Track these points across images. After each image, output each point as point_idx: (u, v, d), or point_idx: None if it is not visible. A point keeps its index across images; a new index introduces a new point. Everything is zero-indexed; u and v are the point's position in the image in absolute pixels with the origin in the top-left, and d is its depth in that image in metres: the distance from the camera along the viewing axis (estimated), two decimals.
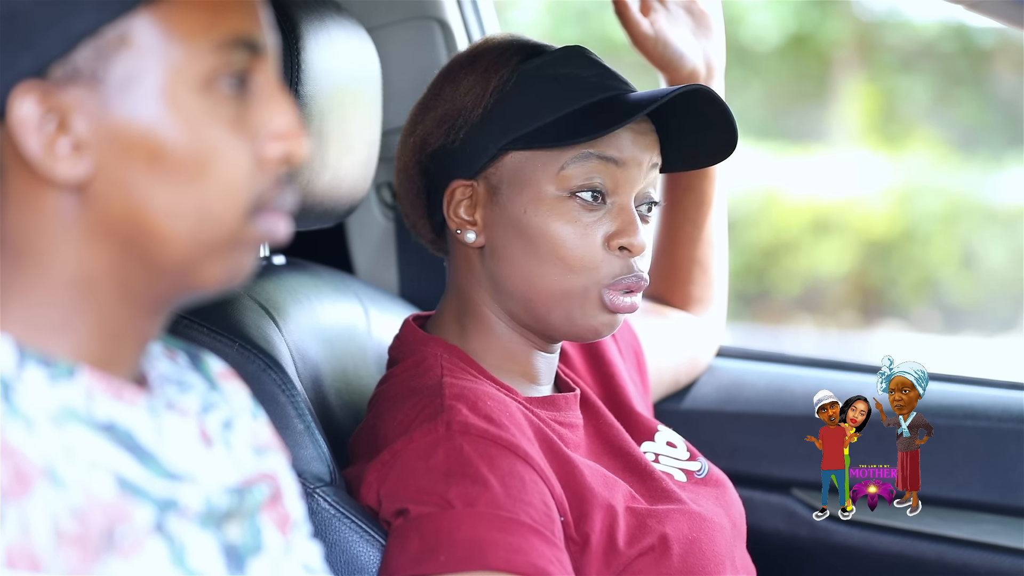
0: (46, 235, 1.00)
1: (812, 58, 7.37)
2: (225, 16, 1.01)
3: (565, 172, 1.46)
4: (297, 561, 1.13)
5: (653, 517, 1.46)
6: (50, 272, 1.01)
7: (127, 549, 0.98)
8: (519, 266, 1.48)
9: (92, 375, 1.01)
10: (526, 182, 1.47)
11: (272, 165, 1.02)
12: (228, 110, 1.01)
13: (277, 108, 1.03)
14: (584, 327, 1.49)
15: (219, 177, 1.00)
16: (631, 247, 1.47)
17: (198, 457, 1.05)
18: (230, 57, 1.01)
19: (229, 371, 1.16)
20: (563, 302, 1.47)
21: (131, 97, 0.99)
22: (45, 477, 0.95)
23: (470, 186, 1.50)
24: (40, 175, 0.99)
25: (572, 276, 1.47)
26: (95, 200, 1.00)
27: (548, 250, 1.47)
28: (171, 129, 0.99)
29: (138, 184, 0.99)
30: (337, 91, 1.58)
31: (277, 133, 1.02)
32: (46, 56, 0.98)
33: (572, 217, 1.47)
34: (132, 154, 0.99)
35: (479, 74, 1.51)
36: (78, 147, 0.99)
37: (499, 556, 1.32)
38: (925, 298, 6.96)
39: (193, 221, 1.00)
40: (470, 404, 1.41)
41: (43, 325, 1.00)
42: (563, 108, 1.47)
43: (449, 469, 1.36)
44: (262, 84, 1.03)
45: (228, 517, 1.06)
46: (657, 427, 1.63)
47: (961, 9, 1.55)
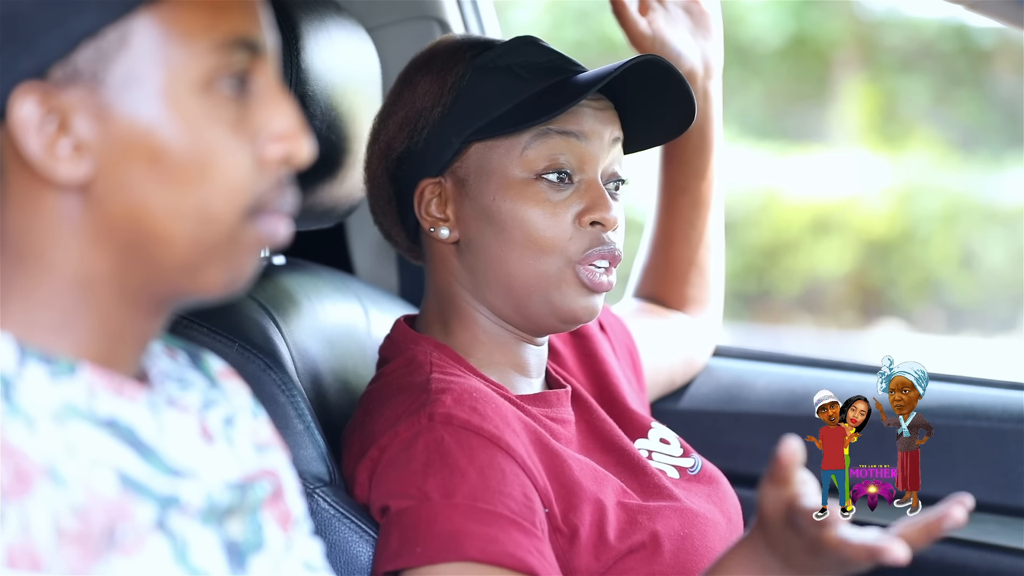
0: (46, 236, 1.00)
1: (812, 58, 7.36)
2: (225, 17, 1.01)
3: (528, 153, 1.48)
4: (298, 559, 1.13)
5: (644, 513, 1.47)
6: (51, 272, 1.01)
7: (129, 547, 0.99)
8: (494, 255, 1.49)
9: (93, 372, 1.01)
10: (491, 170, 1.49)
11: (273, 166, 1.02)
12: (228, 111, 1.01)
13: (277, 109, 1.03)
14: (565, 311, 1.49)
15: (219, 178, 1.00)
16: (604, 221, 1.49)
17: (199, 453, 1.05)
18: (230, 58, 1.01)
19: (229, 370, 1.16)
20: (540, 286, 1.48)
21: (131, 98, 0.99)
22: (46, 476, 0.95)
23: (438, 183, 1.51)
24: (41, 176, 0.99)
25: (545, 258, 1.48)
26: (96, 201, 1.00)
27: (520, 234, 1.48)
28: (171, 130, 0.99)
29: (138, 185, 0.99)
30: (337, 91, 1.58)
31: (277, 134, 1.02)
32: (47, 57, 0.98)
33: (540, 199, 1.48)
34: (132, 155, 0.99)
35: (435, 74, 1.52)
36: (79, 148, 0.99)
37: (476, 547, 1.33)
38: (925, 298, 6.96)
39: (194, 222, 1.00)
40: (455, 396, 1.41)
41: (44, 325, 1.01)
42: (520, 94, 1.49)
43: (428, 460, 1.37)
44: (262, 85, 1.03)
45: (230, 513, 1.06)
46: (651, 424, 1.64)
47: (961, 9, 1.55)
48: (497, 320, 1.52)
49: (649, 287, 1.88)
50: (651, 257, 1.88)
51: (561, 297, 1.49)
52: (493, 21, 2.15)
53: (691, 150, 1.82)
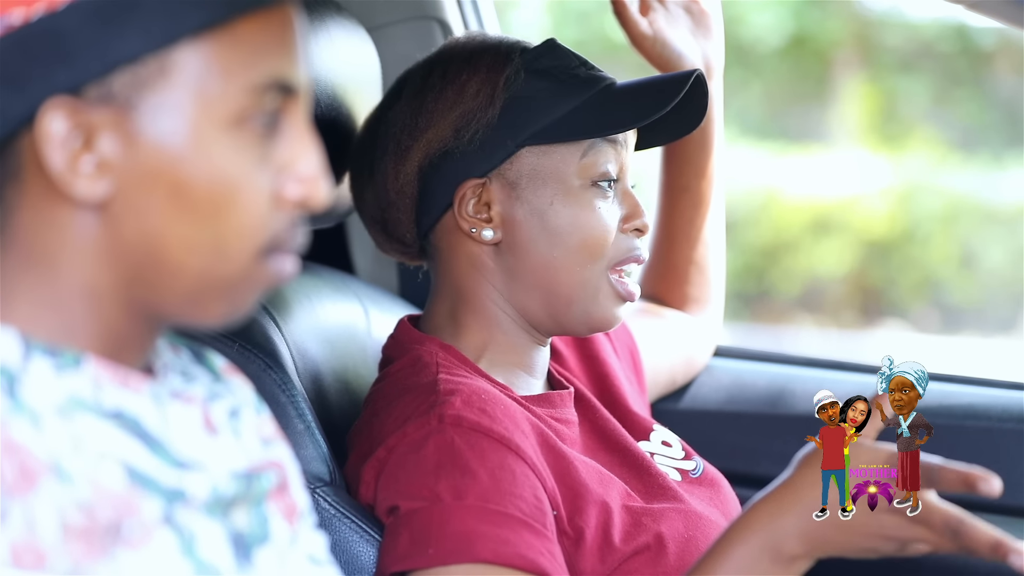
0: (57, 245, 1.01)
1: (812, 58, 7.37)
2: (265, 58, 1.00)
3: (586, 161, 1.50)
4: (303, 552, 1.13)
5: (648, 515, 1.47)
6: (57, 278, 1.01)
7: (135, 541, 0.99)
8: (541, 260, 1.49)
9: (98, 364, 1.01)
10: (548, 175, 1.50)
11: (289, 206, 1.02)
12: (255, 148, 1.00)
13: (304, 150, 1.02)
14: (597, 319, 1.52)
15: (237, 216, 1.00)
16: (644, 228, 1.53)
17: (204, 444, 1.06)
18: (264, 98, 1.00)
19: (233, 367, 1.16)
20: (580, 295, 1.50)
21: (161, 127, 0.99)
22: (51, 472, 0.96)
23: (481, 184, 1.50)
24: (59, 189, 1.00)
25: (591, 265, 1.50)
26: (111, 222, 1.00)
27: (577, 240, 1.49)
28: (196, 164, 0.99)
29: (156, 213, 0.99)
30: (337, 91, 1.58)
31: (300, 176, 1.02)
32: (83, 76, 0.98)
33: (594, 206, 1.50)
34: (154, 183, 0.99)
35: (484, 73, 1.51)
36: (101, 167, 0.99)
37: (488, 548, 1.33)
38: (925, 298, 6.96)
39: (207, 257, 1.00)
40: (464, 398, 1.41)
41: (48, 325, 1.01)
42: (571, 99, 1.50)
43: (439, 462, 1.37)
44: (292, 124, 1.02)
45: (235, 504, 1.06)
46: (652, 426, 1.64)
47: (961, 9, 1.55)
48: (519, 320, 1.52)
49: (650, 286, 1.88)
50: (652, 256, 1.88)
51: (597, 306, 1.51)
52: (493, 21, 2.15)
53: (692, 149, 1.82)
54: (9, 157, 1.00)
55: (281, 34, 1.02)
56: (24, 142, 1.00)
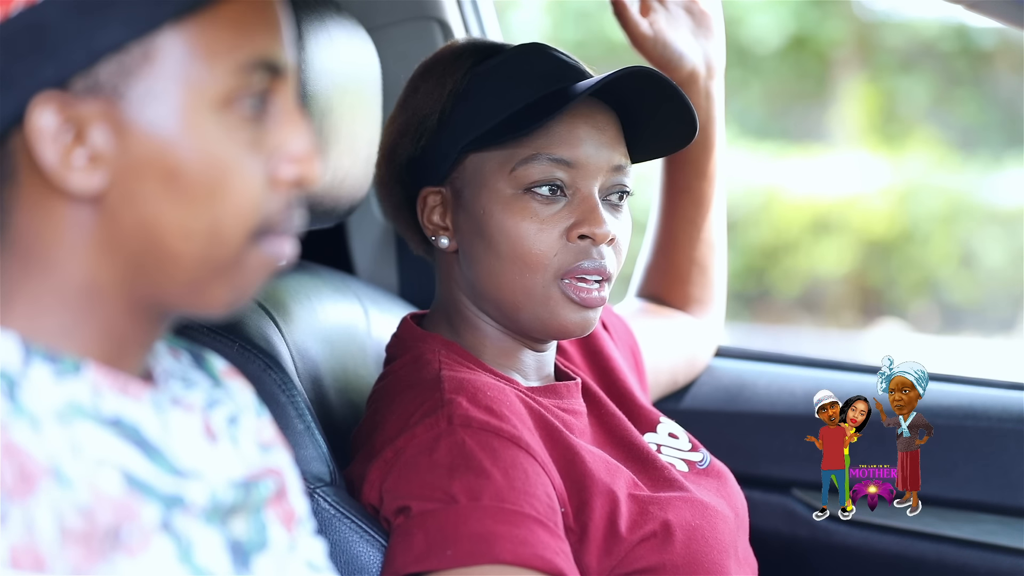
0: (55, 242, 1.01)
1: (812, 58, 7.37)
2: (250, 38, 1.01)
3: (516, 172, 1.47)
4: (302, 558, 1.13)
5: (655, 504, 1.46)
6: (57, 277, 1.01)
7: (133, 547, 0.99)
8: (484, 268, 1.48)
9: (98, 370, 1.01)
10: (483, 182, 1.48)
11: (284, 187, 1.02)
12: (245, 131, 1.00)
13: (294, 130, 1.02)
14: (555, 326, 1.48)
15: (231, 198, 1.00)
16: (594, 236, 1.46)
17: (203, 452, 1.05)
18: (251, 79, 1.00)
19: (232, 369, 1.16)
20: (527, 303, 1.47)
21: (150, 114, 0.99)
22: (50, 476, 0.95)
23: (439, 192, 1.51)
24: (54, 184, 0.99)
25: (530, 274, 1.46)
26: (107, 213, 1.00)
27: (507, 248, 1.46)
28: (187, 148, 0.99)
29: (151, 201, 0.99)
30: (337, 91, 1.58)
31: (293, 155, 1.02)
32: (69, 68, 0.98)
33: (529, 213, 1.46)
34: (147, 171, 0.99)
35: (435, 80, 1.52)
36: (94, 159, 0.99)
37: (507, 549, 1.32)
38: (924, 298, 6.96)
39: (203, 241, 1.00)
40: (470, 396, 1.41)
41: (48, 326, 1.01)
42: (514, 105, 1.47)
43: (452, 463, 1.36)
44: (281, 105, 1.03)
45: (233, 512, 1.06)
46: (659, 418, 1.64)
47: (961, 9, 1.55)
48: (498, 327, 1.52)
49: (651, 287, 1.88)
50: (653, 257, 1.88)
51: (549, 313, 1.47)
52: (493, 22, 2.15)
53: (693, 150, 1.82)
54: (2, 159, 1.00)
55: (265, 14, 1.02)
56: (16, 142, 1.00)
